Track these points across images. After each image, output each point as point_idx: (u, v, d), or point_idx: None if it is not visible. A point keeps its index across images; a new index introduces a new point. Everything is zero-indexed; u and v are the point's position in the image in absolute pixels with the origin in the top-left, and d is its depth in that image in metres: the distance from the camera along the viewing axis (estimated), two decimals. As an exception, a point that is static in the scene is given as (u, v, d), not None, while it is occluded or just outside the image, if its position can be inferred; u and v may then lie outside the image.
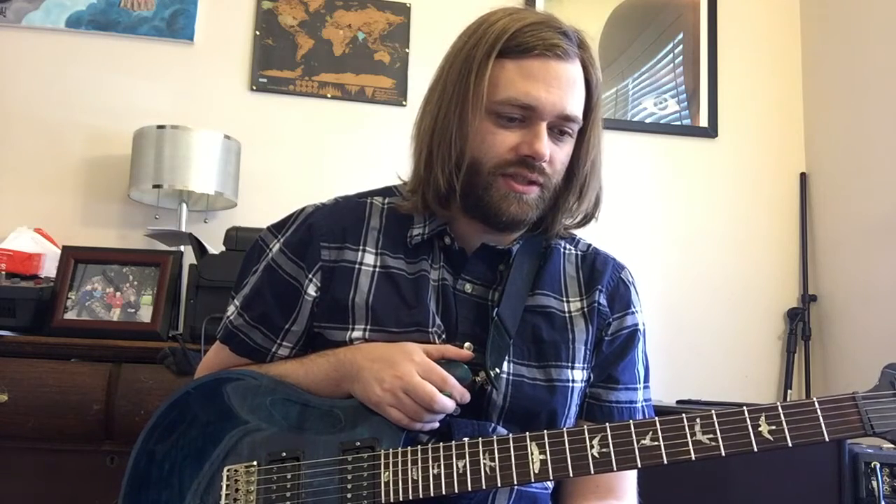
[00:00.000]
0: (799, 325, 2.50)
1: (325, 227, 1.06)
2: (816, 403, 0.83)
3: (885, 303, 2.22)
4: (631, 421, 0.86)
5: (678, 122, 2.64)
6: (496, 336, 0.99)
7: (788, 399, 2.40)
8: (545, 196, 1.01)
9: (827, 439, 0.82)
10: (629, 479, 1.05)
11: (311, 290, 1.03)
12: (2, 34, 2.35)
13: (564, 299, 1.07)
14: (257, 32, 2.48)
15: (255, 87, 2.45)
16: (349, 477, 0.91)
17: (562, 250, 1.12)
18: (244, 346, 1.07)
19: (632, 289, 1.11)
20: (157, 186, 2.13)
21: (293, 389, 0.99)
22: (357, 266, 1.04)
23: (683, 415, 0.85)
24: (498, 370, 0.98)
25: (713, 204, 2.62)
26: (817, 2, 2.68)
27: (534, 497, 1.01)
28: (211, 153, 2.16)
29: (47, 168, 2.32)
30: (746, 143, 2.66)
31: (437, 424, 0.94)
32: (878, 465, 1.61)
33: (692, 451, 0.83)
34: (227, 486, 0.94)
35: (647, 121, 2.62)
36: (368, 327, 1.00)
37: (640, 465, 0.85)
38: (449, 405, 0.93)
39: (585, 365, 1.04)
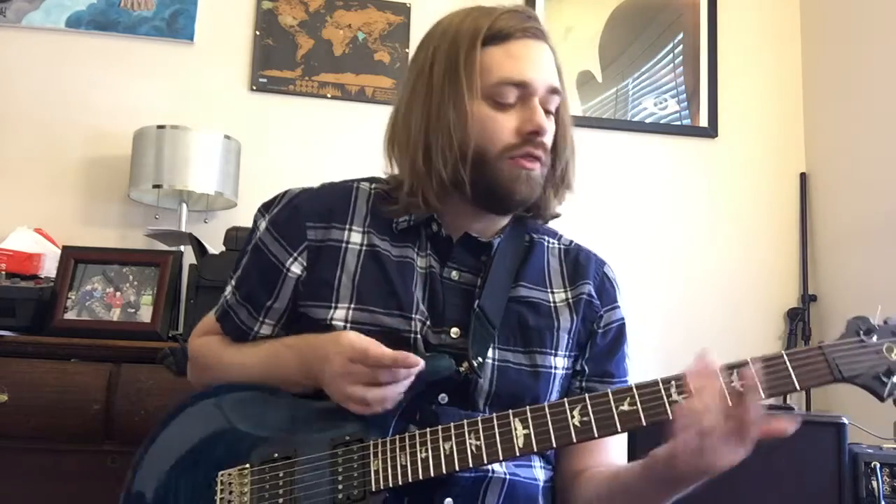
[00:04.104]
0: (799, 325, 2.49)
1: (310, 208, 1.08)
2: (785, 356, 0.85)
3: (884, 303, 2.21)
4: (609, 390, 0.89)
5: (678, 122, 2.64)
6: (478, 326, 1.01)
7: (788, 400, 2.40)
8: (545, 173, 1.05)
9: (798, 388, 0.84)
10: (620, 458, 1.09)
11: (296, 269, 1.05)
12: (2, 34, 2.35)
13: (549, 290, 1.09)
14: (257, 32, 2.48)
15: (255, 87, 2.45)
16: (340, 469, 0.92)
17: (545, 244, 1.14)
18: (232, 323, 1.10)
19: (616, 284, 1.15)
20: (157, 186, 2.14)
21: (284, 396, 1.01)
22: (344, 245, 1.05)
23: (658, 378, 0.87)
24: (481, 359, 0.99)
25: (713, 204, 2.62)
26: (817, 2, 2.68)
27: (525, 489, 1.02)
28: (211, 153, 2.16)
29: (47, 168, 2.32)
30: (746, 143, 2.66)
31: (400, 395, 0.93)
32: (878, 465, 1.61)
33: (669, 412, 0.85)
34: (222, 489, 0.95)
35: (647, 121, 2.62)
36: (353, 306, 1.02)
37: (619, 430, 0.87)
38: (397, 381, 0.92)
39: (567, 353, 1.07)
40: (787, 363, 0.85)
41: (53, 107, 2.35)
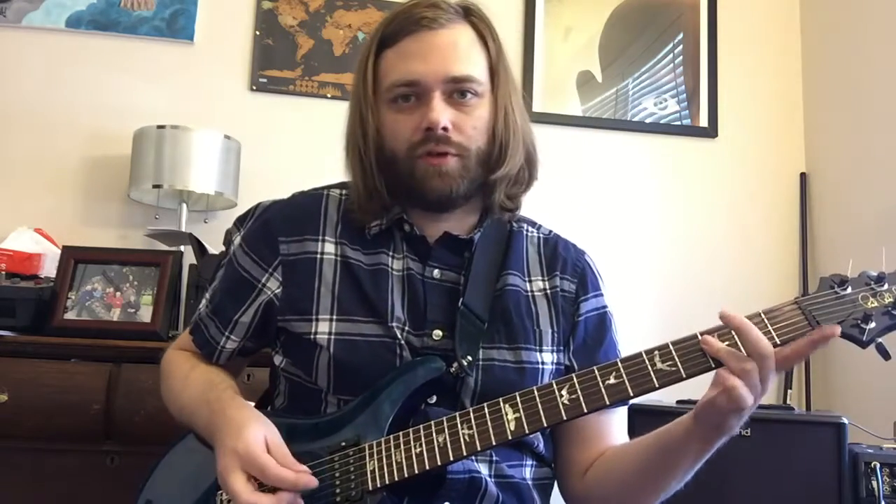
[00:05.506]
0: (799, 325, 2.49)
1: (281, 222, 1.09)
2: (762, 315, 0.87)
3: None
4: (594, 367, 0.89)
5: (678, 122, 2.64)
6: (465, 324, 1.01)
7: (788, 400, 2.40)
8: (468, 164, 1.03)
9: (779, 343, 0.86)
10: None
11: (272, 285, 1.05)
12: (2, 34, 2.35)
13: (527, 279, 1.09)
14: (257, 32, 2.48)
15: (255, 87, 2.45)
16: (337, 474, 0.92)
17: (524, 233, 1.14)
18: (202, 336, 1.11)
19: (597, 273, 1.15)
20: (157, 186, 2.14)
21: (280, 418, 1.00)
22: (319, 256, 1.05)
23: (642, 350, 0.89)
24: (471, 357, 0.99)
25: (713, 204, 2.62)
26: (817, 2, 2.68)
27: (518, 490, 1.02)
28: (211, 153, 2.16)
29: (47, 168, 2.32)
30: (746, 143, 2.66)
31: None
32: (878, 465, 1.61)
33: (655, 380, 0.87)
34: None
35: (647, 121, 2.62)
36: (335, 317, 1.01)
37: (608, 403, 0.88)
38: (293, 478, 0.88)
39: (554, 348, 1.06)
40: (767, 322, 0.86)
41: (53, 107, 2.35)
